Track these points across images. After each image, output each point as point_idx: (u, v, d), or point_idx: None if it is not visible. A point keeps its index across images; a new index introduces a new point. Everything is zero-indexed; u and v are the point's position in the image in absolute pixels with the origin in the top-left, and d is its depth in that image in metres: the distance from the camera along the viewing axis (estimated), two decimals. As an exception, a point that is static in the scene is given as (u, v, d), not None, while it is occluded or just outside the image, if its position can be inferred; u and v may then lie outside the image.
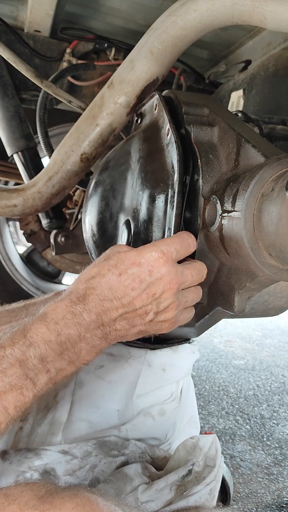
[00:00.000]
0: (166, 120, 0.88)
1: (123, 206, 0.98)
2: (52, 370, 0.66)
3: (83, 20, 1.74)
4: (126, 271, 0.70)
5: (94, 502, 0.57)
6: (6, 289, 2.61)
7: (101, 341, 0.70)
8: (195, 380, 2.36)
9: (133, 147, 0.97)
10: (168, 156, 0.86)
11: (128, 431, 0.95)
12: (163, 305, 0.71)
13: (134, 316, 0.71)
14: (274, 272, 0.66)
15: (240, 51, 1.83)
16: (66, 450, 0.86)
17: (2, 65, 1.68)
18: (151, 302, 0.70)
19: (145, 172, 0.89)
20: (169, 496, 0.83)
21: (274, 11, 0.90)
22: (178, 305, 0.73)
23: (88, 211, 1.13)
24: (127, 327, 0.71)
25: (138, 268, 0.70)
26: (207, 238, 0.79)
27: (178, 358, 1.00)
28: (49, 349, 0.65)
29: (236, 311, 0.77)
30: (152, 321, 0.72)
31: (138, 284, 0.69)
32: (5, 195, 1.34)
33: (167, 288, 0.70)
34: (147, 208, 0.87)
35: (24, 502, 0.55)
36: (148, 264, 0.70)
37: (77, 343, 0.68)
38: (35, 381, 0.64)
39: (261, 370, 2.61)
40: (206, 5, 0.99)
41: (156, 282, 0.70)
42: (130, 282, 0.69)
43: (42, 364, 0.65)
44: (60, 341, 0.66)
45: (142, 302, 0.70)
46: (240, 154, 0.76)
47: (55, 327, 0.67)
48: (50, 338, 0.66)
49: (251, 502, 1.45)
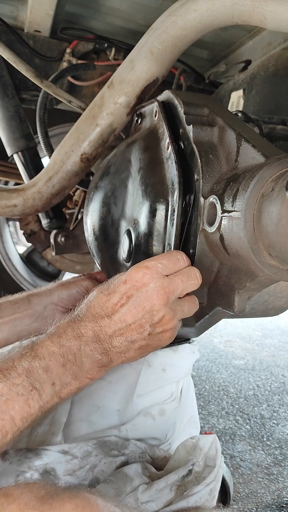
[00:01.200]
0: (166, 133, 0.89)
1: (124, 214, 0.98)
2: (57, 383, 0.69)
3: (83, 20, 1.74)
4: (114, 290, 0.74)
5: (94, 503, 0.57)
6: (6, 289, 2.61)
7: (102, 356, 0.73)
8: (195, 380, 2.36)
9: (134, 155, 0.97)
10: (168, 171, 0.86)
11: (128, 431, 0.95)
12: (157, 317, 0.73)
13: (129, 332, 0.73)
14: (274, 272, 0.66)
15: (240, 51, 1.83)
16: (66, 450, 0.86)
17: (2, 65, 1.68)
18: (143, 315, 0.73)
19: (145, 185, 0.90)
20: (169, 496, 0.83)
21: (274, 11, 0.90)
22: (174, 315, 0.74)
23: (89, 215, 1.13)
24: (125, 343, 0.73)
25: (125, 285, 0.74)
26: (207, 238, 0.79)
27: (178, 358, 1.00)
28: (53, 360, 0.69)
29: (236, 311, 0.77)
30: (151, 334, 0.74)
31: (126, 300, 0.73)
32: (5, 195, 1.34)
33: (156, 299, 0.72)
34: (148, 221, 0.87)
35: (24, 503, 0.55)
36: (133, 281, 0.73)
37: (78, 355, 0.71)
38: (41, 392, 0.67)
39: (261, 370, 2.61)
40: (206, 5, 0.99)
41: (143, 296, 0.73)
42: (118, 300, 0.73)
43: (47, 375, 0.68)
44: (62, 353, 0.70)
45: (133, 317, 0.73)
46: (240, 154, 0.76)
47: (58, 340, 0.71)
48: (53, 349, 0.70)
49: (251, 502, 1.45)
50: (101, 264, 1.14)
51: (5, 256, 2.67)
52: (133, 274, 0.74)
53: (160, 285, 0.73)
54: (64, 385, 0.70)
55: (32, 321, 1.01)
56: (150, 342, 0.75)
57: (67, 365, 0.70)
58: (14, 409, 0.64)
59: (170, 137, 0.87)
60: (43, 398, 0.67)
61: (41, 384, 0.67)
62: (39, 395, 0.67)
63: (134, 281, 0.73)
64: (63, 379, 0.69)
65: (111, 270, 1.06)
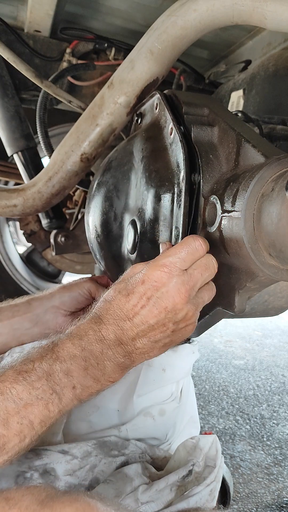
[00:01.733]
0: (169, 119, 0.88)
1: (128, 206, 0.98)
2: (78, 386, 0.67)
3: (83, 20, 1.74)
4: (133, 291, 0.71)
5: (94, 507, 0.57)
6: (6, 289, 2.62)
7: (125, 359, 0.71)
8: (195, 380, 2.36)
9: (136, 147, 0.97)
10: (172, 155, 0.86)
11: (128, 431, 0.95)
12: (181, 315, 0.71)
13: (152, 332, 0.71)
14: (274, 272, 0.66)
15: (240, 51, 1.83)
16: (66, 450, 0.86)
17: (2, 65, 1.68)
18: (165, 315, 0.70)
19: (149, 172, 0.89)
20: (170, 497, 0.83)
21: (274, 11, 0.90)
22: (196, 310, 0.73)
23: (91, 212, 1.13)
24: (149, 344, 0.72)
25: (143, 286, 0.71)
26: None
27: (178, 358, 1.00)
28: (74, 364, 0.67)
29: (236, 311, 0.77)
30: (175, 331, 0.72)
31: (146, 301, 0.70)
32: (5, 195, 1.34)
33: (178, 298, 0.70)
34: (153, 207, 0.87)
35: (25, 506, 0.55)
36: (152, 281, 0.71)
37: (100, 359, 0.69)
38: (61, 396, 0.65)
39: (261, 370, 2.61)
40: (206, 5, 0.99)
41: (164, 296, 0.70)
42: (138, 301, 0.71)
43: (68, 379, 0.66)
44: (84, 356, 0.68)
45: (155, 318, 0.70)
46: (240, 154, 0.76)
47: (79, 343, 0.69)
48: (75, 353, 0.68)
49: (251, 502, 1.45)
50: (104, 262, 1.13)
51: (5, 256, 2.67)
52: (150, 274, 0.71)
53: (180, 283, 0.70)
54: (85, 389, 0.68)
55: (33, 326, 0.99)
56: (174, 338, 0.74)
57: (88, 369, 0.68)
58: (33, 414, 0.63)
59: (173, 120, 0.86)
60: (63, 402, 0.66)
61: (61, 388, 0.65)
62: (59, 399, 0.65)
63: (153, 281, 0.70)
64: (84, 382, 0.68)
65: (115, 267, 1.05)
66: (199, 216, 0.80)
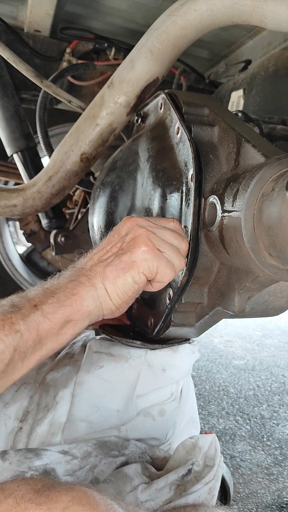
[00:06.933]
0: (176, 118, 0.88)
1: (134, 207, 0.97)
2: (40, 307, 0.73)
3: (83, 20, 1.74)
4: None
5: (90, 495, 0.56)
6: (6, 289, 2.61)
7: (86, 280, 0.77)
8: (195, 380, 2.36)
9: (141, 147, 0.97)
10: (179, 155, 0.85)
11: (128, 431, 0.95)
12: (130, 237, 0.77)
13: (104, 255, 0.79)
14: (274, 272, 0.66)
15: (240, 51, 1.83)
16: (66, 450, 0.86)
17: (2, 65, 1.68)
18: (118, 239, 0.79)
19: (156, 171, 0.89)
20: (169, 496, 0.83)
21: (274, 11, 0.90)
22: (147, 235, 0.76)
23: (96, 212, 1.13)
24: (102, 267, 0.77)
25: (113, 228, 0.82)
26: (207, 238, 0.79)
27: (178, 358, 1.00)
28: (36, 290, 0.77)
29: (236, 311, 0.77)
30: (122, 250, 0.77)
31: (111, 237, 0.81)
32: (5, 195, 1.34)
33: (132, 224, 0.78)
34: (161, 206, 0.86)
35: (21, 495, 0.55)
36: (120, 224, 0.81)
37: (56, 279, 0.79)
38: (23, 312, 0.71)
39: (261, 370, 2.61)
40: (206, 5, 0.99)
41: (123, 226, 0.79)
42: (108, 240, 0.81)
43: (28, 301, 0.74)
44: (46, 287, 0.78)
45: (109, 242, 0.80)
46: (240, 154, 0.76)
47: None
48: (40, 286, 0.78)
49: (251, 502, 1.45)
50: None
51: (5, 256, 2.67)
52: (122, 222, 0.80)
53: (140, 219, 0.78)
54: (47, 314, 0.73)
55: None
56: (122, 259, 0.76)
57: (47, 291, 0.76)
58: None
59: (180, 120, 0.86)
60: (27, 320, 0.70)
61: (23, 305, 0.73)
62: (21, 315, 0.71)
63: (120, 224, 0.80)
64: (46, 303, 0.73)
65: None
66: (199, 216, 0.80)
